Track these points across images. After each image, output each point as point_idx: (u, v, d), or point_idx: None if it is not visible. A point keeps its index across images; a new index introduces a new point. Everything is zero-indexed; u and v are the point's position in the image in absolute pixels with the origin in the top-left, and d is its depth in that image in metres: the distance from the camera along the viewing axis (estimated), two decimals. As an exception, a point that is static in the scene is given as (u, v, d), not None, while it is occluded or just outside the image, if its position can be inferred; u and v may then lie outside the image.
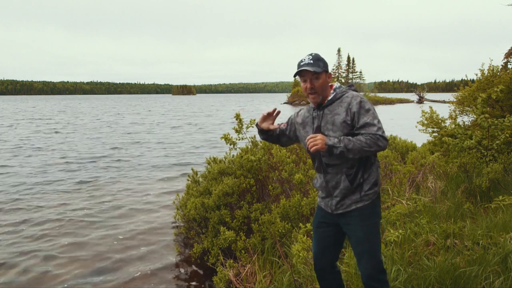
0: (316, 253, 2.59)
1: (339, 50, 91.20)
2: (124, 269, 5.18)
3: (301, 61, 2.38)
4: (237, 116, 5.25)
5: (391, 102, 78.41)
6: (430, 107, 7.55)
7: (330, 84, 2.48)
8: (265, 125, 2.59)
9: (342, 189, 2.37)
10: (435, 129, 7.39)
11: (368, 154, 2.27)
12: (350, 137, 2.24)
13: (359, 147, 2.20)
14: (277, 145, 5.44)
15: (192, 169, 6.23)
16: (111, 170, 11.80)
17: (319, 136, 2.26)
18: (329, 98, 2.42)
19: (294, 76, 2.42)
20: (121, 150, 16.19)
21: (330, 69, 2.51)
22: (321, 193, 2.55)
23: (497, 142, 5.64)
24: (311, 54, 2.40)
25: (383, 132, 2.25)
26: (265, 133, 2.65)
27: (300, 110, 2.65)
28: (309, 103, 2.53)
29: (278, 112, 2.60)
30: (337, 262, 2.68)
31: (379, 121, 2.27)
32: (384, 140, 2.23)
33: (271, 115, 2.58)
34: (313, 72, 2.35)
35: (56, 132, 23.38)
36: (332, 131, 2.34)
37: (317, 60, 2.37)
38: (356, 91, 2.45)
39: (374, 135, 2.21)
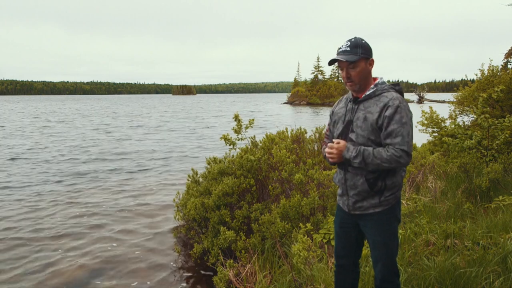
0: (338, 251, 2.56)
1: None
2: (123, 269, 5.18)
3: (340, 47, 2.25)
4: (236, 117, 5.26)
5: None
6: (430, 107, 7.56)
7: (374, 77, 2.32)
8: None
9: (360, 191, 2.29)
10: (435, 129, 7.40)
11: (388, 169, 2.18)
12: (371, 150, 2.15)
13: (377, 162, 2.12)
14: (277, 145, 5.45)
15: (192, 169, 6.22)
16: (114, 171, 11.81)
17: (336, 148, 2.23)
18: (367, 93, 2.27)
19: (329, 64, 2.30)
20: (124, 150, 16.20)
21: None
22: (339, 190, 2.48)
23: (497, 142, 5.64)
24: (350, 40, 2.25)
25: (409, 147, 2.12)
26: None
27: (338, 102, 2.52)
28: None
29: None
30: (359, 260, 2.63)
31: (408, 134, 2.14)
32: (407, 157, 2.10)
33: None
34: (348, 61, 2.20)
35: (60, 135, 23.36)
36: (361, 129, 2.24)
37: (355, 47, 2.21)
38: (401, 92, 2.28)
39: (396, 150, 2.10)
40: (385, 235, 2.31)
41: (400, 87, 2.30)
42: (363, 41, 2.26)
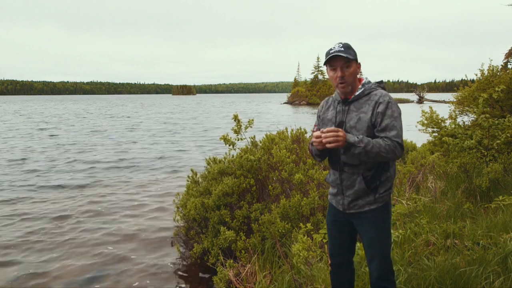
0: (333, 250, 2.57)
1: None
2: (123, 269, 5.18)
3: (331, 49, 2.27)
4: (235, 117, 5.25)
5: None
6: (430, 107, 7.56)
7: (359, 77, 2.37)
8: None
9: (357, 190, 2.31)
10: (435, 129, 7.39)
11: (383, 160, 2.19)
12: (371, 139, 2.16)
13: (377, 150, 2.13)
14: (277, 145, 5.45)
15: (192, 170, 6.22)
16: (114, 171, 11.81)
17: (342, 132, 2.10)
18: (357, 93, 2.31)
19: (325, 63, 2.31)
20: (125, 151, 16.21)
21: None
22: (332, 190, 2.48)
23: (497, 142, 5.65)
24: (340, 43, 2.30)
25: (402, 140, 2.20)
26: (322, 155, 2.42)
27: (324, 102, 2.53)
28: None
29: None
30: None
31: (401, 127, 2.21)
32: (401, 149, 2.17)
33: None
34: (345, 59, 2.24)
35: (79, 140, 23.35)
36: (355, 129, 2.26)
37: (348, 48, 2.27)
38: (385, 89, 2.37)
39: (392, 141, 2.15)
40: (380, 232, 2.33)
41: (383, 85, 2.38)
42: (352, 47, 2.33)
